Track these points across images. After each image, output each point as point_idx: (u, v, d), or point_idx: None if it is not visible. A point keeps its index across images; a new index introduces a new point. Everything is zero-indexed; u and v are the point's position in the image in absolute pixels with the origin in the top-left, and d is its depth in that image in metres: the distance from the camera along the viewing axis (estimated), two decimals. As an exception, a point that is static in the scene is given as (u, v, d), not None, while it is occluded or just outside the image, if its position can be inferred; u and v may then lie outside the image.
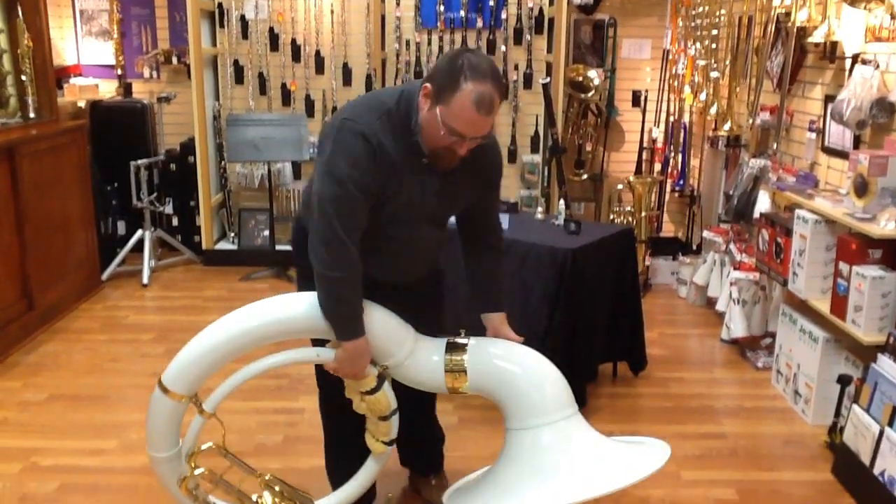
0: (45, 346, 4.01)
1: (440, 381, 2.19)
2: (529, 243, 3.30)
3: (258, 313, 2.13)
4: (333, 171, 1.98)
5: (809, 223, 3.21)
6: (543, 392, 2.19)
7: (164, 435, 2.15)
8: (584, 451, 2.15)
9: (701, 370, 3.85)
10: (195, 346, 2.11)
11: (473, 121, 1.94)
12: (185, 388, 2.10)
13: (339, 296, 2.05)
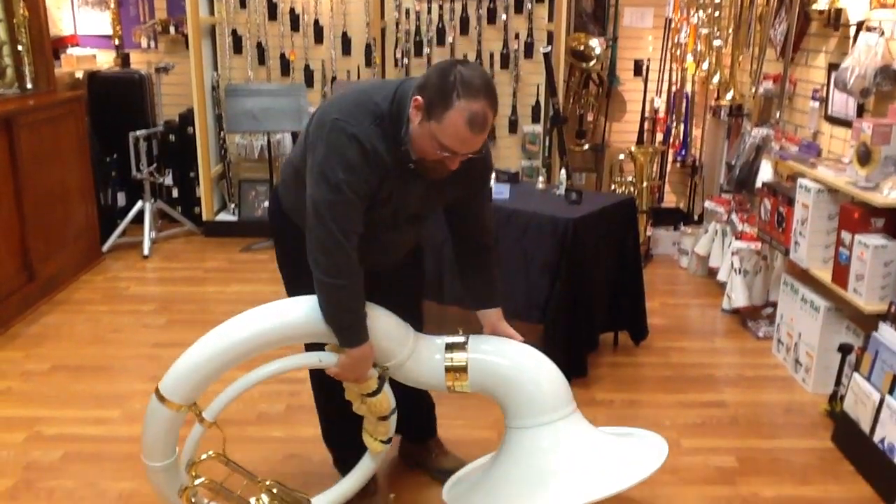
0: (47, 318, 4.02)
1: (440, 380, 2.19)
2: (530, 213, 3.29)
3: (257, 320, 2.08)
4: (329, 175, 1.93)
5: (812, 192, 3.19)
6: (542, 392, 2.21)
7: (161, 444, 2.08)
8: (582, 455, 2.18)
9: (702, 339, 3.86)
10: (193, 355, 2.06)
11: (466, 139, 1.91)
12: (183, 398, 2.04)
13: (342, 303, 2.02)
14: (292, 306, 2.11)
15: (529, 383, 2.21)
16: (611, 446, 2.25)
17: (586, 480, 2.10)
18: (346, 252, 1.97)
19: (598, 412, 3.09)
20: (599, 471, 2.13)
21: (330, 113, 1.99)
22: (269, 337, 2.07)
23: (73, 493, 2.53)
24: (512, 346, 2.27)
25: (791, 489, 2.59)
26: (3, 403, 3.12)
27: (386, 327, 2.13)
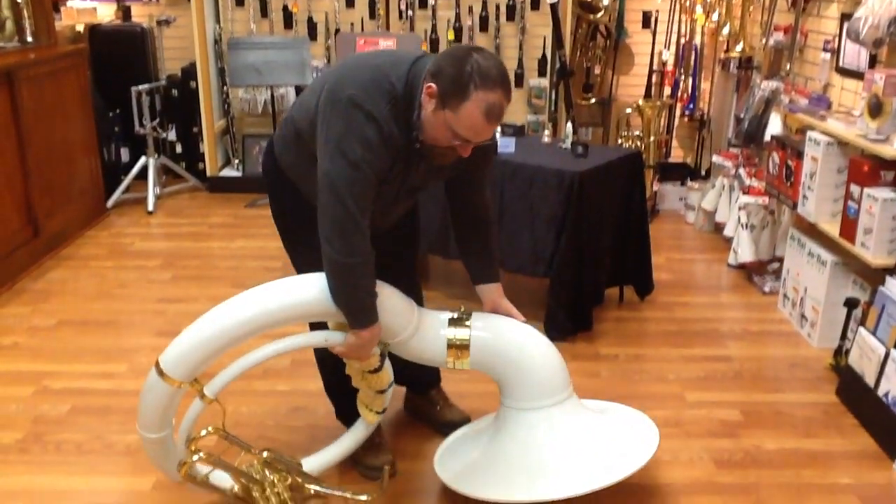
0: (52, 273, 4.02)
1: (442, 357, 2.17)
2: (536, 166, 3.26)
3: (263, 298, 2.04)
4: (347, 152, 1.89)
5: (821, 145, 3.15)
6: (541, 377, 2.21)
7: (158, 417, 2.06)
8: (576, 442, 2.18)
9: (707, 294, 3.85)
10: (197, 331, 2.01)
11: (482, 129, 1.90)
12: (184, 374, 2.00)
13: (355, 283, 1.98)
14: (299, 285, 2.07)
15: (529, 367, 2.21)
16: (604, 433, 2.25)
17: (580, 471, 2.12)
18: (362, 230, 1.94)
19: (602, 366, 3.09)
20: (593, 461, 2.14)
21: (345, 87, 1.94)
22: (274, 316, 2.02)
23: (82, 446, 2.56)
24: (515, 327, 2.25)
25: (794, 442, 2.60)
26: (10, 358, 3.14)
27: (391, 304, 2.10)
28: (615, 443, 2.22)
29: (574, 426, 2.21)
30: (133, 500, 2.29)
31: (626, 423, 2.39)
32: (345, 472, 2.42)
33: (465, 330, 2.17)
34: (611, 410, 2.49)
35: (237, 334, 2.00)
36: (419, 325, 2.16)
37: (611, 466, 2.12)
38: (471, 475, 2.23)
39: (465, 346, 2.16)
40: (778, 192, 3.63)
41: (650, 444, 2.21)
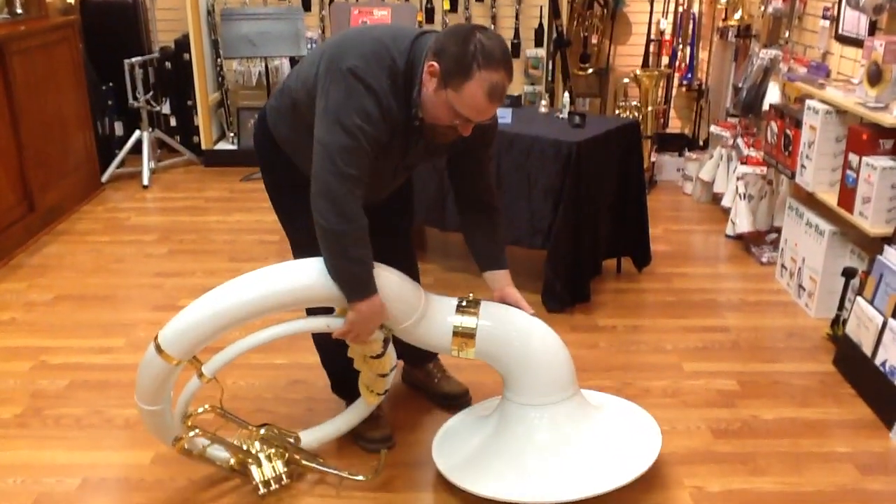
0: (49, 248, 4.01)
1: (447, 343, 2.14)
2: (533, 137, 3.24)
3: (265, 281, 2.00)
4: (345, 121, 1.87)
5: (820, 114, 3.13)
6: (547, 373, 2.19)
7: (155, 392, 2.04)
8: (574, 445, 2.17)
9: (705, 265, 3.85)
10: (197, 310, 1.98)
11: (484, 109, 1.88)
12: (182, 353, 1.97)
13: (346, 252, 1.93)
14: (302, 268, 2.03)
15: (536, 363, 2.18)
16: (606, 436, 2.22)
17: (577, 474, 2.10)
18: (355, 199, 1.91)
19: (600, 338, 3.10)
20: (591, 465, 2.13)
21: (346, 58, 1.91)
22: (276, 300, 1.98)
23: (81, 420, 2.56)
24: (524, 320, 2.21)
25: (791, 412, 2.61)
26: (7, 333, 3.14)
27: (399, 290, 2.07)
28: (616, 448, 2.20)
29: (576, 426, 2.19)
30: (132, 474, 2.29)
31: (630, 424, 2.35)
32: (343, 446, 2.43)
33: (473, 318, 2.13)
34: (615, 407, 2.45)
35: (237, 316, 1.96)
36: (426, 310, 2.12)
37: (608, 473, 2.10)
38: (467, 467, 2.21)
39: (472, 334, 2.12)
40: (776, 162, 3.61)
41: (651, 451, 2.18)
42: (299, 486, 2.25)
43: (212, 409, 2.19)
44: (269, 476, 2.18)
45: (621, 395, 2.68)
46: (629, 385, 2.75)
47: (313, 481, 2.27)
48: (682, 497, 2.19)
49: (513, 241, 3.38)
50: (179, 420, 2.14)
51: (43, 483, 2.25)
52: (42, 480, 2.26)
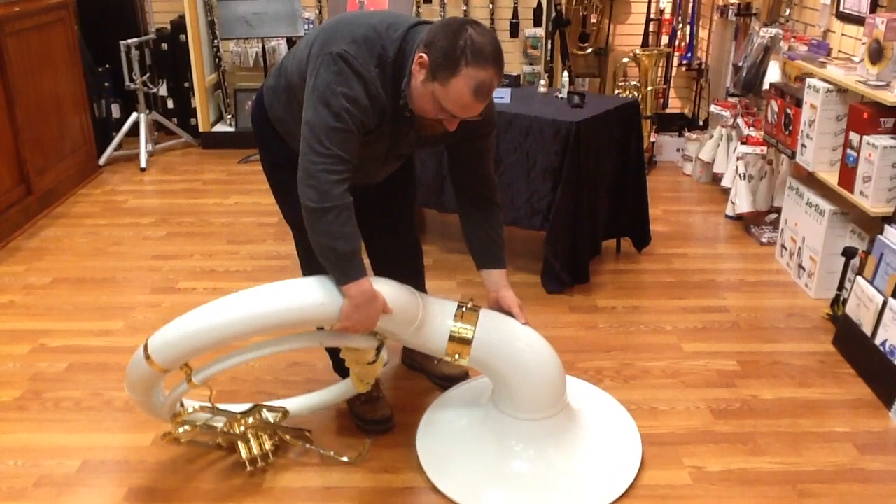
0: (46, 231, 4.00)
1: (442, 348, 2.11)
2: (532, 117, 3.22)
3: (263, 299, 1.95)
4: (332, 102, 1.86)
5: (820, 92, 3.11)
6: (537, 392, 2.18)
7: (142, 390, 2.04)
8: (553, 463, 2.17)
9: (704, 246, 3.84)
10: (190, 321, 1.94)
11: (469, 106, 1.86)
12: (169, 363, 1.95)
13: (332, 230, 1.89)
14: (305, 287, 1.99)
15: (529, 381, 2.17)
16: (585, 458, 2.22)
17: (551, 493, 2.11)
18: (340, 180, 1.89)
19: (599, 318, 3.09)
20: (565, 486, 2.13)
21: (338, 42, 1.90)
22: (270, 319, 1.93)
23: (80, 403, 2.56)
24: (522, 336, 2.19)
25: (791, 391, 2.61)
26: (6, 317, 3.13)
27: (394, 302, 2.01)
28: (592, 470, 2.19)
29: (558, 446, 2.20)
30: (132, 456, 2.29)
31: (612, 441, 2.32)
32: (334, 426, 2.43)
33: (470, 327, 2.10)
34: (598, 415, 2.43)
35: (227, 334, 1.92)
36: (424, 317, 2.09)
37: (581, 497, 2.10)
38: (445, 461, 2.21)
39: (468, 342, 2.10)
40: (776, 141, 3.59)
41: (628, 474, 2.18)
42: (285, 462, 2.26)
43: (202, 410, 2.20)
44: (255, 453, 2.19)
45: (620, 376, 2.69)
46: (628, 366, 2.75)
47: (299, 459, 2.28)
48: (681, 476, 2.20)
49: (511, 221, 3.37)
50: (169, 415, 2.15)
51: (43, 465, 2.25)
52: (42, 463, 2.26)
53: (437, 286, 3.32)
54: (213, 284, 3.38)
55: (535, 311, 3.13)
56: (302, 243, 2.24)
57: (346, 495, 2.14)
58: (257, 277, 3.43)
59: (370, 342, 2.08)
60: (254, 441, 2.20)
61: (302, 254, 2.33)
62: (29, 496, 2.13)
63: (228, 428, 2.21)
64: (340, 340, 2.08)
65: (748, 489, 2.15)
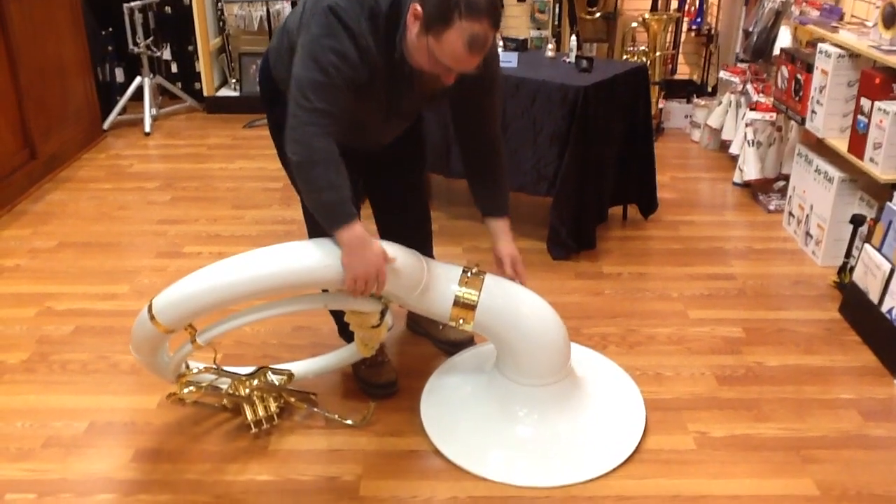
0: (51, 195, 3.99)
1: (447, 312, 2.10)
2: (539, 81, 3.18)
3: (267, 260, 1.94)
4: (319, 57, 1.84)
5: (832, 57, 3.07)
6: (542, 358, 2.18)
7: (148, 349, 2.05)
8: (557, 429, 2.17)
9: (712, 213, 3.82)
10: (194, 282, 1.93)
11: (463, 59, 1.83)
12: (173, 323, 1.95)
13: (318, 180, 1.88)
14: (303, 249, 1.98)
15: (534, 347, 2.16)
16: (589, 423, 2.22)
17: (554, 459, 2.12)
18: (323, 131, 1.87)
19: (605, 285, 3.09)
20: (569, 452, 2.14)
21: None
22: (274, 280, 1.93)
23: (87, 366, 2.57)
24: (527, 301, 2.18)
25: (796, 358, 2.61)
26: (13, 280, 3.14)
27: (399, 266, 2.00)
28: (595, 436, 2.20)
29: (561, 410, 2.20)
30: (139, 418, 2.31)
31: (614, 408, 2.32)
32: (340, 390, 2.44)
33: (475, 291, 2.09)
34: (602, 382, 2.43)
35: (231, 295, 1.92)
36: (429, 281, 2.08)
37: (589, 460, 2.11)
38: (449, 426, 2.22)
39: (472, 306, 2.09)
40: (786, 108, 3.55)
41: (631, 439, 2.18)
42: (290, 425, 2.28)
43: (206, 371, 2.20)
44: (261, 416, 2.20)
45: (626, 342, 2.68)
46: (634, 332, 2.75)
47: (304, 422, 2.29)
48: (685, 442, 2.20)
49: (518, 187, 3.35)
50: (174, 376, 2.16)
51: (51, 427, 2.27)
52: (50, 424, 2.28)
53: (444, 252, 3.31)
54: (219, 249, 3.37)
55: (540, 277, 3.12)
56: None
57: (351, 458, 2.15)
58: (262, 242, 3.39)
59: (374, 305, 2.08)
60: (259, 403, 2.21)
61: (308, 217, 2.33)
62: (37, 457, 2.15)
63: (234, 390, 2.22)
64: (345, 303, 2.08)
65: (752, 455, 2.15)
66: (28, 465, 2.12)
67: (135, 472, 2.10)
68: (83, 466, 2.12)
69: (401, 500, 2.00)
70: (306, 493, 2.03)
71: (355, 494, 2.02)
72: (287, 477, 2.08)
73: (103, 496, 2.01)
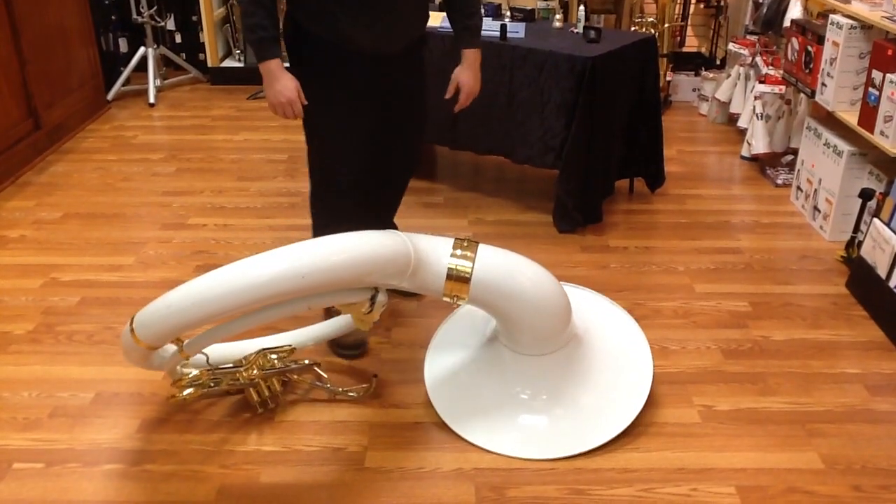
0: (56, 167, 3.98)
1: (440, 287, 2.01)
2: (546, 52, 3.15)
3: (248, 271, 1.81)
4: None
5: (843, 29, 3.03)
6: (542, 327, 2.14)
7: (136, 358, 2.02)
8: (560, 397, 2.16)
9: (719, 187, 3.79)
10: (171, 301, 1.84)
11: None
12: (153, 340, 1.90)
13: (246, 20, 2.19)
14: (280, 260, 1.83)
15: (531, 317, 2.10)
16: (593, 387, 2.20)
17: (555, 429, 2.11)
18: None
19: (611, 258, 3.08)
20: (572, 420, 2.13)
21: None
22: (256, 293, 1.81)
23: (93, 336, 2.57)
24: (523, 269, 2.09)
25: (802, 332, 2.60)
26: (18, 251, 3.14)
27: (380, 251, 1.90)
28: (601, 402, 2.18)
29: (564, 378, 2.19)
30: (145, 389, 2.31)
31: (620, 368, 2.28)
32: (353, 362, 2.45)
33: (468, 262, 2.01)
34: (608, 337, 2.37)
35: (210, 311, 1.81)
36: (418, 260, 1.97)
37: (588, 432, 2.10)
38: (453, 398, 2.21)
39: (466, 279, 1.99)
40: (796, 80, 3.51)
41: (636, 404, 2.16)
42: (295, 397, 2.29)
43: (202, 375, 2.20)
44: (266, 396, 2.20)
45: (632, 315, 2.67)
46: (640, 305, 2.74)
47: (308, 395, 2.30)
48: (690, 415, 2.20)
49: (524, 159, 3.33)
50: (172, 378, 2.17)
51: (57, 397, 2.28)
52: (56, 394, 2.29)
53: (449, 224, 3.30)
54: (224, 221, 3.36)
55: (546, 250, 3.12)
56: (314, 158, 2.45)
57: (356, 429, 2.15)
58: (267, 214, 3.41)
59: (362, 295, 2.00)
60: (262, 384, 2.21)
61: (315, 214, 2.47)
62: (44, 426, 2.16)
63: (235, 380, 2.21)
64: (330, 300, 2.00)
65: (757, 428, 2.15)
66: (35, 435, 2.13)
67: (141, 442, 2.11)
68: (90, 436, 2.12)
69: (406, 471, 2.01)
70: (312, 464, 2.03)
71: (361, 465, 2.03)
72: (293, 448, 2.09)
73: (110, 466, 2.02)
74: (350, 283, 1.92)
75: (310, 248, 1.87)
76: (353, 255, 1.88)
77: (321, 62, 2.29)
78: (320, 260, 1.85)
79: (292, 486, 1.96)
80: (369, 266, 1.89)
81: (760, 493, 1.93)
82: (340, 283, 1.90)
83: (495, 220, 3.39)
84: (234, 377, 2.20)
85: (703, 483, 1.96)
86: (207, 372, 2.21)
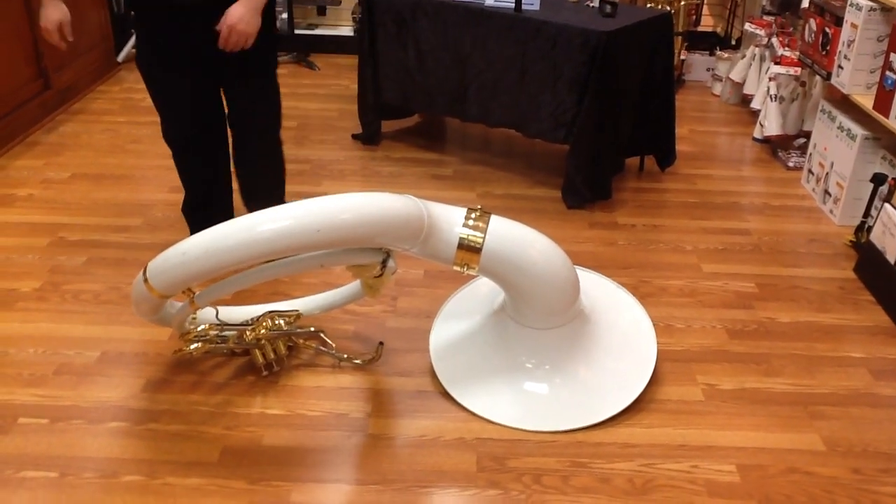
0: (65, 127, 3.97)
1: (451, 256, 2.01)
2: (560, 25, 3.12)
3: (264, 224, 1.83)
4: None
5: (863, 10, 2.99)
6: (550, 301, 2.14)
7: (146, 309, 2.03)
8: (565, 371, 2.16)
9: (729, 168, 3.77)
10: (185, 248, 1.85)
11: None
12: (166, 289, 1.91)
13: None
14: (298, 213, 1.85)
15: (541, 290, 2.11)
16: (598, 363, 2.21)
17: (559, 402, 2.11)
18: None
19: (619, 235, 3.07)
20: (575, 395, 2.13)
21: None
22: (270, 246, 1.83)
23: (99, 296, 2.58)
24: (534, 242, 2.10)
25: (808, 315, 2.59)
26: (25, 209, 3.14)
27: (395, 215, 1.91)
28: (605, 375, 2.19)
29: (569, 352, 2.20)
30: (150, 349, 2.32)
31: (625, 345, 2.29)
32: (358, 330, 2.45)
33: (480, 233, 2.00)
34: (613, 316, 2.38)
35: (223, 262, 1.83)
36: (430, 227, 1.97)
37: (591, 406, 2.10)
38: (457, 368, 2.21)
39: (477, 249, 1.99)
40: (812, 62, 3.48)
41: (640, 380, 2.17)
42: (299, 363, 2.30)
43: (210, 329, 2.20)
44: (271, 358, 2.21)
45: (637, 293, 2.67)
46: (646, 283, 2.74)
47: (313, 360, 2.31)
48: (693, 393, 2.21)
49: (535, 134, 3.31)
50: (180, 331, 2.17)
51: (62, 354, 2.29)
52: (61, 352, 2.30)
53: (458, 196, 3.29)
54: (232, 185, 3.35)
55: (554, 225, 3.11)
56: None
57: (360, 396, 2.16)
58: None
59: (374, 257, 2.01)
60: (268, 346, 2.22)
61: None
62: (49, 383, 2.17)
63: (241, 339, 2.22)
64: (343, 259, 2.02)
65: (759, 408, 2.16)
66: (40, 391, 2.14)
67: (146, 401, 2.12)
68: (95, 394, 2.14)
69: (409, 438, 2.02)
70: (316, 428, 2.04)
71: (364, 431, 2.04)
72: (297, 412, 2.10)
73: (114, 424, 2.04)
74: (364, 241, 1.93)
75: (327, 204, 1.88)
76: (368, 212, 1.89)
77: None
78: (336, 216, 1.86)
79: (295, 450, 1.97)
80: (384, 225, 1.90)
81: (761, 472, 1.94)
82: (354, 240, 1.91)
83: (504, 193, 3.38)
84: (241, 336, 2.21)
85: (703, 460, 1.97)
86: (216, 327, 2.21)
